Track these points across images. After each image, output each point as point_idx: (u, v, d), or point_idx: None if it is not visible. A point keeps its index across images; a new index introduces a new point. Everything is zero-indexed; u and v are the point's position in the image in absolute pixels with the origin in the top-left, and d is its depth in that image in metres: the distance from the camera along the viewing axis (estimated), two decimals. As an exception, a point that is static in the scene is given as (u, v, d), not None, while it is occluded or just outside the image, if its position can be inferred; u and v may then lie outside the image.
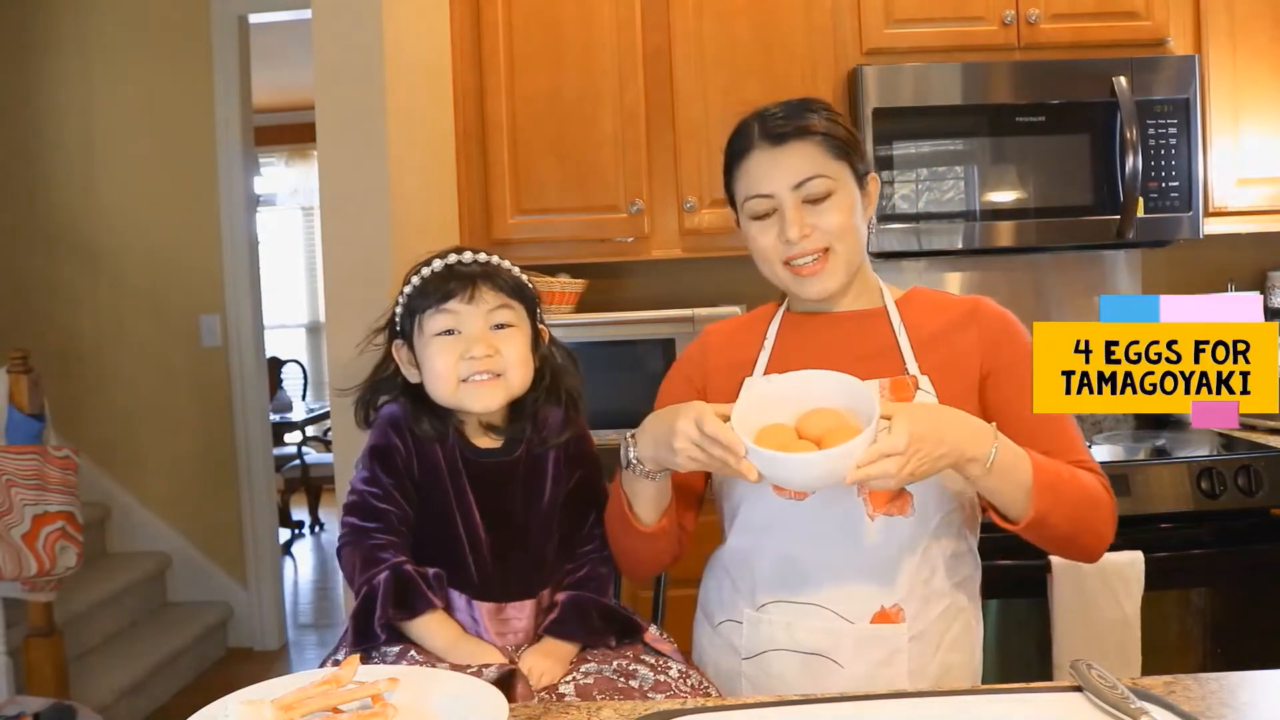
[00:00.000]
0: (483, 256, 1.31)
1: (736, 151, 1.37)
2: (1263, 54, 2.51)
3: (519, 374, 1.29)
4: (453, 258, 1.30)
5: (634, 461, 1.24)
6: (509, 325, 1.29)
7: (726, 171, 1.40)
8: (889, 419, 1.12)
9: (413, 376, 1.33)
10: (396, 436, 1.30)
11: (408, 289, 1.31)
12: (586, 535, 1.37)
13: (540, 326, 1.36)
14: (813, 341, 1.37)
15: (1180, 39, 2.51)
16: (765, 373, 1.37)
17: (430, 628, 1.23)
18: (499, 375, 1.27)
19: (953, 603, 1.31)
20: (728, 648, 1.36)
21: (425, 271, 1.30)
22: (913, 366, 1.32)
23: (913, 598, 1.28)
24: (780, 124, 1.33)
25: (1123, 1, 2.50)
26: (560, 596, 1.31)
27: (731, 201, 1.40)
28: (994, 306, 1.37)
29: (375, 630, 1.22)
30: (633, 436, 1.25)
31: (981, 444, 1.16)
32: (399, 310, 1.33)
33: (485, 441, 1.33)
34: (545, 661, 1.24)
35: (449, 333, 1.28)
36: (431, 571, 1.26)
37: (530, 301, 1.34)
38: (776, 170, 1.31)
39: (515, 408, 1.34)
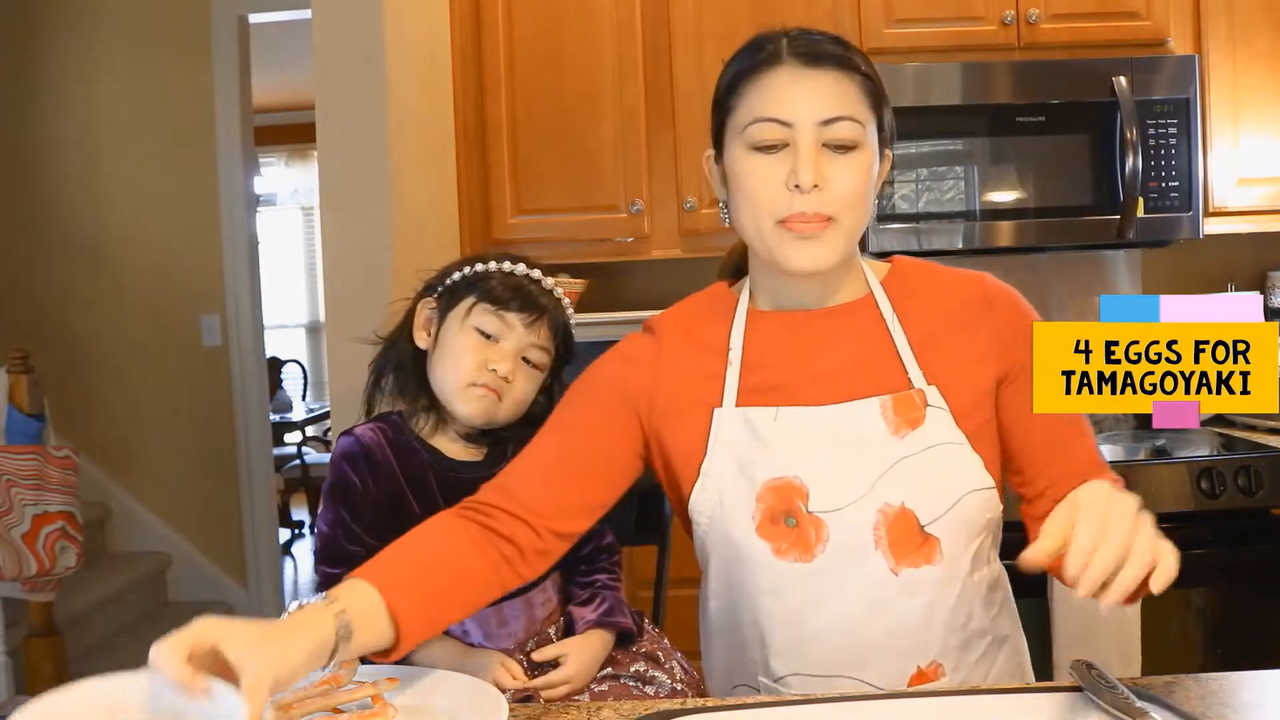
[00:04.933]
0: (559, 292, 1.32)
1: (750, 66, 1.10)
2: (1263, 55, 2.51)
3: (513, 409, 1.28)
4: (537, 274, 1.30)
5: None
6: (535, 366, 1.29)
7: (727, 92, 1.12)
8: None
9: (421, 340, 1.31)
10: (353, 473, 1.27)
11: (480, 268, 1.30)
12: (595, 556, 1.36)
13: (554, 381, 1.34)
14: (792, 347, 1.16)
15: (1180, 39, 2.51)
16: (739, 388, 1.15)
17: (430, 652, 1.20)
18: (500, 399, 1.27)
19: (994, 637, 1.16)
20: None
21: (507, 266, 1.29)
22: (917, 378, 1.13)
23: (950, 649, 1.12)
24: (819, 44, 1.08)
25: (1123, 1, 2.50)
26: (594, 591, 1.31)
27: (717, 141, 1.15)
28: (1005, 292, 1.18)
29: None
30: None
31: (1148, 522, 0.99)
32: (455, 277, 1.31)
33: (460, 453, 1.31)
34: (580, 659, 1.23)
35: (488, 336, 1.27)
36: None
37: (564, 359, 1.33)
38: (806, 95, 1.06)
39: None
